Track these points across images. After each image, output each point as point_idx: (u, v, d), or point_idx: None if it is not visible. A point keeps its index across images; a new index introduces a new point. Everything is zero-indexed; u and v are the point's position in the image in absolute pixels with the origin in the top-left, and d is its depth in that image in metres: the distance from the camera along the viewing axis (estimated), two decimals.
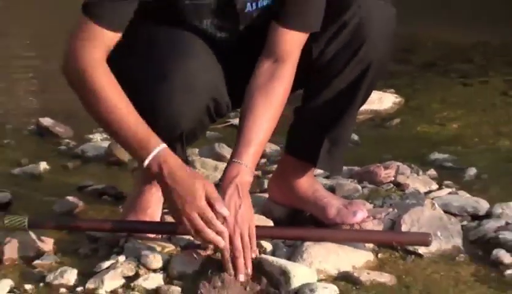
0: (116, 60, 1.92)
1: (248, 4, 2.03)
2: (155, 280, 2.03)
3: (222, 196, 1.94)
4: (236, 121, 3.22)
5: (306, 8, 2.04)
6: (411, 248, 2.18)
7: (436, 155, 3.10)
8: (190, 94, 1.94)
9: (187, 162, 2.22)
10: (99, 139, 3.45)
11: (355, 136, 3.20)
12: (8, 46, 6.03)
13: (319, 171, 2.53)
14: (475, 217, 2.48)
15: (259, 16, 2.06)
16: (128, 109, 1.92)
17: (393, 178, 2.74)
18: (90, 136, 3.46)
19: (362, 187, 2.67)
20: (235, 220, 1.96)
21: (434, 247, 2.17)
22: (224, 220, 1.91)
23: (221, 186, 2.00)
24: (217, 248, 1.98)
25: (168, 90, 1.93)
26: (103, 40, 1.91)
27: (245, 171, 2.03)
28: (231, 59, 2.04)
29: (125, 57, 1.95)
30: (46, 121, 3.55)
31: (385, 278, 2.05)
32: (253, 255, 1.98)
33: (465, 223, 2.43)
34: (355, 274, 2.04)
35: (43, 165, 3.06)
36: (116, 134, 1.97)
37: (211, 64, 2.01)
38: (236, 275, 1.95)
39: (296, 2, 2.01)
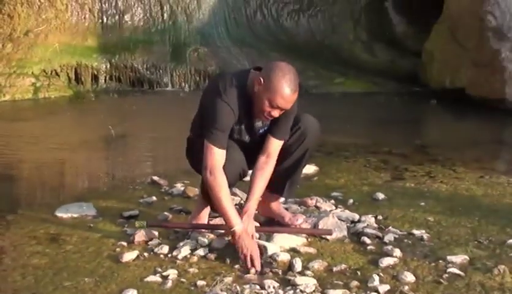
0: None
1: (260, 130, 4.14)
2: (205, 251, 4.01)
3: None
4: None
5: (284, 130, 4.13)
6: (323, 236, 4.22)
7: (334, 193, 5.18)
8: (233, 166, 4.01)
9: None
10: (180, 187, 5.35)
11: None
12: (135, 136, 8.31)
13: (282, 199, 4.54)
14: (353, 222, 4.52)
15: (262, 134, 4.16)
16: (227, 199, 3.89)
17: (314, 203, 4.85)
18: (176, 185, 5.42)
19: (300, 208, 4.80)
20: (252, 236, 3.96)
21: (334, 236, 4.20)
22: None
23: (241, 212, 4.04)
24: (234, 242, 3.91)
25: (227, 165, 3.96)
26: (222, 156, 3.94)
27: (252, 208, 4.11)
28: (248, 150, 4.16)
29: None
30: (155, 177, 5.61)
31: (311, 250, 4.05)
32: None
33: (348, 224, 4.43)
34: (297, 248, 4.06)
35: (154, 198, 5.09)
36: (219, 208, 3.93)
37: (240, 154, 4.09)
38: (250, 269, 3.79)
39: (279, 129, 4.11)
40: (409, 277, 3.69)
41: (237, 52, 10.99)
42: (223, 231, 4.17)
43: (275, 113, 3.94)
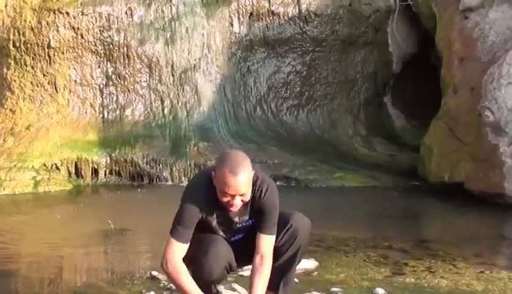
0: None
1: (238, 225, 4.23)
2: None
3: None
4: (241, 273, 5.28)
5: (271, 224, 4.19)
6: None
7: (334, 289, 5.20)
8: (217, 261, 4.12)
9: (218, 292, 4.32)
10: None
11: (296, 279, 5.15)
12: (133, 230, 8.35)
13: None
14: None
15: (244, 227, 4.26)
16: (188, 283, 4.01)
17: None
18: None
19: None
20: None
21: None
22: None
23: None
24: None
25: (207, 260, 4.09)
26: (181, 249, 4.08)
27: None
28: (232, 244, 4.26)
29: (190, 246, 4.13)
30: (154, 272, 5.64)
31: None
32: None
33: None
34: None
35: (152, 293, 5.18)
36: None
37: (226, 247, 4.19)
38: None
39: (265, 224, 4.18)
40: None
41: (237, 147, 11.07)
42: None
43: (236, 201, 4.06)
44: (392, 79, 13.18)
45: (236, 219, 4.23)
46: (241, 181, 4.01)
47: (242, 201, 4.08)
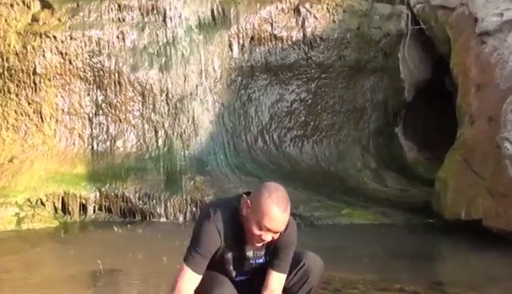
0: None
1: (252, 261, 4.26)
2: None
3: None
4: None
5: (285, 262, 4.25)
6: None
7: None
8: None
9: None
10: None
11: None
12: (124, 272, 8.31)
13: None
14: None
15: (255, 266, 4.28)
16: None
17: None
18: None
19: None
20: None
21: None
22: None
23: None
24: None
25: None
26: (195, 281, 4.06)
27: None
28: (237, 285, 4.28)
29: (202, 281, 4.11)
30: None
31: None
32: None
33: None
34: None
35: None
36: None
37: (231, 290, 4.18)
38: None
39: (280, 261, 4.23)
40: None
41: (236, 181, 11.06)
42: None
43: (267, 237, 4.05)
44: (404, 107, 13.18)
45: (251, 255, 4.23)
46: (285, 219, 4.05)
47: (272, 238, 4.07)
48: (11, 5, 11.25)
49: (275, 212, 3.96)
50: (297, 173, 11.89)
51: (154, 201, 10.90)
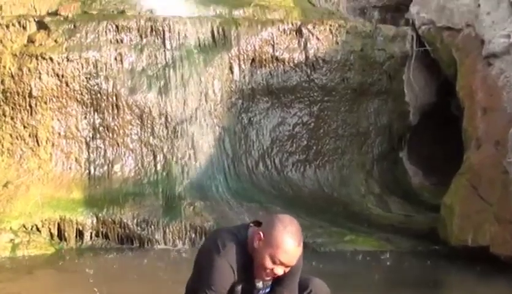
0: None
1: (262, 292, 4.30)
2: None
3: None
4: None
5: (290, 289, 4.28)
6: None
7: None
8: None
9: None
10: None
11: None
12: None
13: None
14: None
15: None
16: None
17: None
18: None
19: None
20: None
21: None
22: None
23: None
24: None
25: None
26: None
27: None
28: None
29: None
30: None
31: None
32: None
33: None
34: None
35: None
36: None
37: None
38: None
39: (285, 288, 4.27)
40: None
41: (237, 207, 11.12)
42: None
43: (278, 271, 4.07)
44: (409, 131, 13.26)
45: (260, 285, 4.25)
46: (299, 253, 4.08)
47: (283, 271, 4.08)
48: (7, 26, 11.30)
49: (290, 245, 3.97)
50: (300, 198, 11.94)
51: (152, 227, 10.92)
